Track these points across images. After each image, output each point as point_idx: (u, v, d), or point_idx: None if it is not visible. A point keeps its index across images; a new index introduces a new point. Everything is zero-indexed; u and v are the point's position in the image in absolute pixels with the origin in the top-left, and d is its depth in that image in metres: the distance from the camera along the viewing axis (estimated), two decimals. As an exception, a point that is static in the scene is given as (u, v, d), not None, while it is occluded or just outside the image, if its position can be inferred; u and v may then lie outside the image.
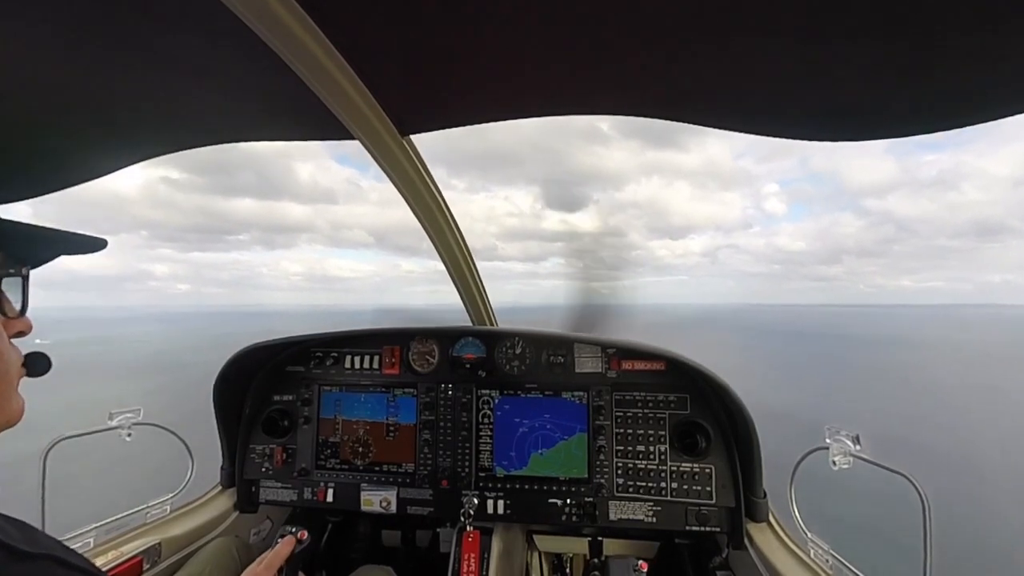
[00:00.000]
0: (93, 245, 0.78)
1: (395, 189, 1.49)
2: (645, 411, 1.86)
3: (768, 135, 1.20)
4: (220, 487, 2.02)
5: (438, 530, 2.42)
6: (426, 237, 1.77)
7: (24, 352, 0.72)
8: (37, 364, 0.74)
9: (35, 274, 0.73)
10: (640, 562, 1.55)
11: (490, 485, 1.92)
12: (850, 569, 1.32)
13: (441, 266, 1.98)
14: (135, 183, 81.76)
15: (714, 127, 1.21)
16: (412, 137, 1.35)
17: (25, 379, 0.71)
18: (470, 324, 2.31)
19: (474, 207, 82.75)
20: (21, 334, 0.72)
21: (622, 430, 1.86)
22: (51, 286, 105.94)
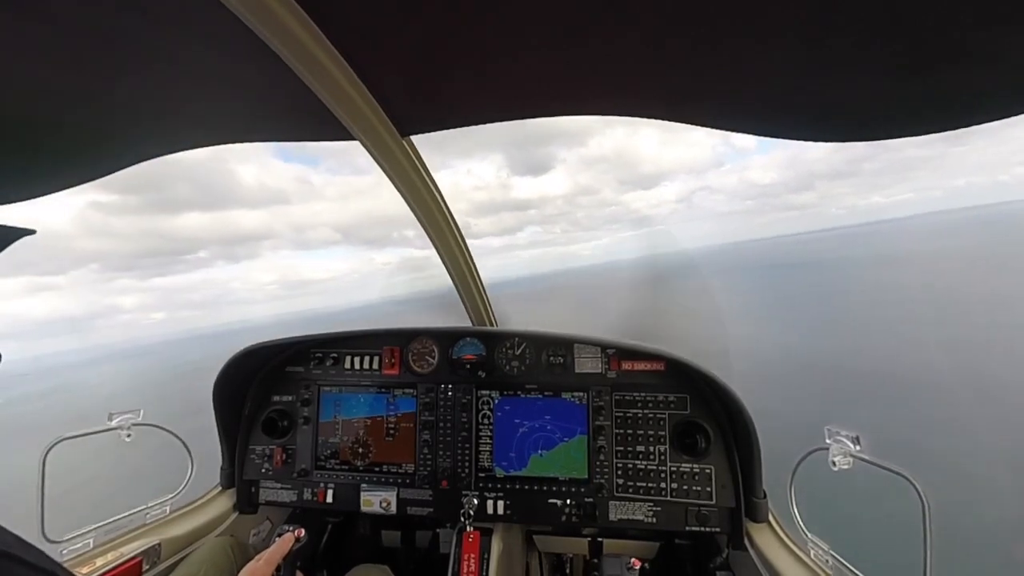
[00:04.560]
0: (19, 234, 0.76)
1: (394, 189, 1.49)
2: (645, 411, 1.86)
3: (768, 136, 1.21)
4: (220, 488, 2.02)
5: (438, 531, 2.42)
6: (399, 227, 1.77)
7: None
8: None
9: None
10: (632, 559, 1.56)
11: (490, 486, 1.91)
12: (850, 570, 1.31)
13: (418, 252, 1.95)
14: (65, 215, 74.36)
15: (713, 128, 1.21)
16: (412, 137, 1.35)
17: None
18: (470, 324, 2.31)
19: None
20: None
21: (622, 430, 1.86)
22: (18, 337, 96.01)
